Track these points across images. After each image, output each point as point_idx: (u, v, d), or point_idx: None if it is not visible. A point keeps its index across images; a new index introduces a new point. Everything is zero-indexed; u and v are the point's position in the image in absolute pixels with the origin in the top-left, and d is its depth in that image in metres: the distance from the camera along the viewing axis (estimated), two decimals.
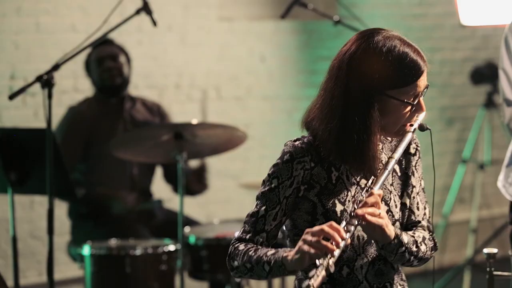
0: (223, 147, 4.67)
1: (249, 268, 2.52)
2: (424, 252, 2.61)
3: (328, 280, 2.56)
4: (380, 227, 2.45)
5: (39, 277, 5.61)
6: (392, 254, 2.54)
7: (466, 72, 6.82)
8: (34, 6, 5.57)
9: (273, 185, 2.55)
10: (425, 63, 2.53)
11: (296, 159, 2.54)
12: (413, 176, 2.66)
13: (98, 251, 4.38)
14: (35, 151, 4.11)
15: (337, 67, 2.53)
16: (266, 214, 2.55)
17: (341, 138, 2.49)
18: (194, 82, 6.14)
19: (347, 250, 2.54)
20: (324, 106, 2.52)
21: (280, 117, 6.45)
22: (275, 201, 2.55)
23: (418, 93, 2.53)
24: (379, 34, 2.52)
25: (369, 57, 2.48)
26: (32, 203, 5.58)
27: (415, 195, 2.67)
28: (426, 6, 7.03)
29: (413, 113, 2.55)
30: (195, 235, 4.58)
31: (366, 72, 2.47)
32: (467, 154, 6.66)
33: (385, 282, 2.61)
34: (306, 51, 6.56)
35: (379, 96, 2.48)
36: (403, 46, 2.51)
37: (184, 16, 6.07)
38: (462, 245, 6.93)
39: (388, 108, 2.50)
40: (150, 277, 4.38)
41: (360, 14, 4.62)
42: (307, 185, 2.55)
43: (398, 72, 2.48)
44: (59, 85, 4.34)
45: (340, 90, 2.49)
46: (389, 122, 2.52)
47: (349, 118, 2.48)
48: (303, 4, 4.60)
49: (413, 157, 2.68)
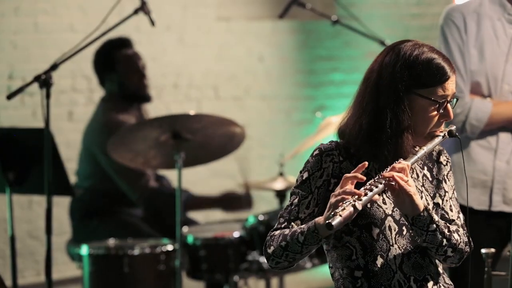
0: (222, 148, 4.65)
1: (284, 247, 2.56)
2: (457, 242, 2.62)
3: (362, 273, 2.61)
4: (408, 193, 2.50)
5: (37, 277, 5.61)
6: (423, 231, 2.55)
7: None
8: (32, 6, 5.57)
9: (304, 177, 2.62)
10: (452, 70, 2.61)
11: (324, 152, 2.62)
12: (445, 183, 2.72)
13: (96, 251, 4.38)
14: (33, 151, 4.11)
15: (368, 72, 2.64)
16: (299, 203, 2.61)
17: (372, 133, 2.57)
18: (193, 82, 6.14)
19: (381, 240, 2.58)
20: (355, 107, 2.62)
21: (278, 117, 6.45)
22: (307, 191, 2.61)
23: (446, 96, 2.59)
24: (409, 42, 2.63)
25: (399, 60, 2.58)
26: (31, 203, 5.58)
27: (448, 199, 2.71)
28: (424, 6, 7.03)
29: (440, 118, 2.61)
30: (193, 235, 4.58)
31: (395, 73, 2.57)
32: None
33: (425, 275, 2.64)
34: (305, 51, 6.56)
35: (408, 94, 2.57)
36: (432, 52, 2.61)
37: (183, 16, 6.07)
38: None
39: (416, 107, 2.57)
40: (148, 277, 4.38)
41: (358, 14, 4.63)
42: (337, 178, 2.60)
43: (425, 73, 2.57)
44: (57, 85, 4.33)
45: (371, 90, 2.59)
46: (417, 122, 2.59)
47: (379, 113, 2.57)
48: (301, 4, 4.60)
49: (444, 167, 2.73)
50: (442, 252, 2.61)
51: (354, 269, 2.62)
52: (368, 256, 2.60)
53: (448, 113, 2.62)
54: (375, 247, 2.59)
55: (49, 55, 5.17)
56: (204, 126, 4.48)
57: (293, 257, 2.57)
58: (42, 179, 3.94)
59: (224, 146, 4.64)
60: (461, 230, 2.66)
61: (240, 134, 4.60)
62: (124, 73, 4.95)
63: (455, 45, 3.46)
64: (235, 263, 4.52)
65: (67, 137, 5.45)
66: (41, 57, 5.49)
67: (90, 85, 5.77)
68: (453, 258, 2.64)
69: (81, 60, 5.22)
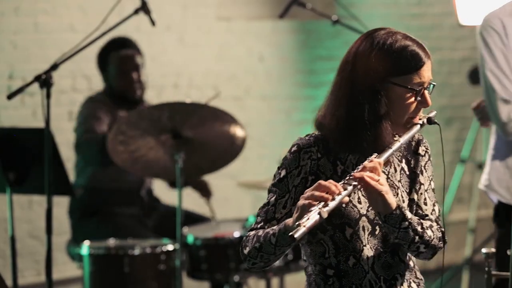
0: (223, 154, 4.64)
1: (258, 248, 2.56)
2: (430, 238, 2.61)
3: (334, 272, 2.61)
4: (379, 192, 2.48)
5: (37, 276, 5.61)
6: (395, 229, 2.54)
7: (465, 72, 6.83)
8: (32, 6, 5.57)
9: (282, 175, 2.61)
10: (427, 56, 2.59)
11: (303, 149, 2.60)
12: (421, 175, 2.70)
13: (96, 251, 4.38)
14: (34, 151, 4.11)
15: (343, 62, 2.61)
16: (276, 202, 2.61)
17: (350, 125, 2.55)
18: (193, 82, 6.14)
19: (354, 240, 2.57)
20: (331, 98, 2.60)
21: (278, 117, 6.45)
22: (285, 189, 2.60)
23: (422, 83, 2.57)
24: (382, 30, 2.61)
25: (373, 49, 2.56)
26: (31, 203, 5.58)
27: (423, 191, 2.69)
28: (425, 5, 7.03)
29: (418, 105, 2.59)
30: (194, 235, 4.59)
31: (370, 62, 2.54)
32: (465, 154, 6.66)
33: (395, 274, 2.63)
34: (305, 50, 6.56)
35: (383, 83, 2.54)
36: (406, 40, 2.58)
37: (183, 16, 6.07)
38: (460, 244, 6.93)
39: (393, 96, 2.55)
40: (148, 277, 4.38)
41: (358, 14, 4.63)
42: (315, 175, 2.59)
43: (400, 60, 2.55)
44: (57, 85, 4.33)
45: (346, 80, 2.57)
46: (395, 111, 2.56)
47: (356, 105, 2.55)
48: (301, 4, 4.60)
49: (422, 158, 2.71)
50: (415, 248, 2.60)
51: (326, 267, 2.62)
52: (340, 255, 2.59)
53: (425, 100, 2.58)
54: (348, 247, 2.58)
55: (49, 55, 5.17)
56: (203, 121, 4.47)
57: (267, 258, 2.57)
58: (42, 179, 3.94)
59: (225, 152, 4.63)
60: (435, 226, 2.65)
61: (241, 138, 4.59)
62: (113, 75, 4.97)
63: (498, 50, 3.46)
64: (235, 263, 4.52)
65: (67, 137, 5.44)
66: (41, 57, 5.49)
67: (91, 85, 5.77)
68: (426, 254, 2.64)
69: (81, 60, 5.22)
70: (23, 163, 4.18)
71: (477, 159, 6.84)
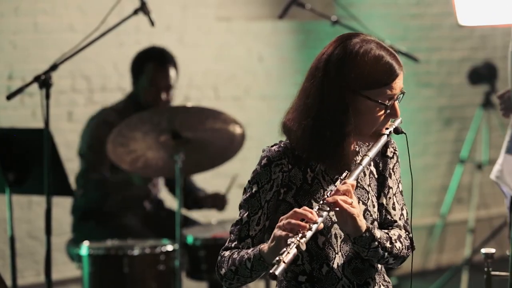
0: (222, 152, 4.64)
1: (234, 271, 2.54)
2: (399, 250, 2.59)
3: (307, 278, 2.59)
4: (351, 215, 2.46)
5: (37, 277, 5.61)
6: (365, 249, 2.53)
7: (464, 72, 6.83)
8: (32, 6, 5.57)
9: (254, 190, 2.58)
10: (400, 67, 2.54)
11: (273, 162, 2.57)
12: (390, 178, 2.67)
13: (96, 251, 4.38)
14: (33, 151, 4.11)
15: (314, 68, 2.58)
16: (249, 220, 2.57)
17: (315, 135, 2.52)
18: (193, 82, 6.14)
19: (326, 248, 2.56)
20: (300, 105, 2.57)
21: (278, 117, 6.39)
22: (257, 206, 2.57)
23: (393, 96, 2.53)
24: (356, 37, 2.55)
25: (345, 58, 2.51)
26: (30, 203, 5.58)
27: (392, 196, 2.67)
28: (424, 6, 7.03)
29: (387, 117, 2.56)
30: (193, 235, 4.59)
31: (341, 72, 2.50)
32: (465, 154, 6.67)
33: (366, 279, 2.62)
34: (304, 51, 6.56)
35: (354, 95, 2.50)
36: (379, 49, 2.52)
37: (182, 16, 6.07)
38: (460, 245, 6.94)
39: (363, 109, 2.51)
40: (148, 277, 4.38)
41: (357, 14, 4.63)
42: (286, 187, 2.57)
43: (372, 73, 2.50)
44: (57, 85, 4.34)
45: (316, 89, 2.53)
46: (363, 123, 2.53)
47: (323, 115, 2.51)
48: (301, 4, 4.60)
49: (390, 160, 2.68)
50: (384, 262, 2.60)
51: (298, 274, 2.60)
52: (314, 263, 2.57)
53: (395, 111, 2.55)
54: (320, 255, 2.56)
55: (48, 56, 5.17)
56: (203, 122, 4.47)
57: (244, 280, 2.56)
58: (42, 179, 3.95)
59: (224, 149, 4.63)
60: (403, 234, 2.63)
61: (240, 136, 4.59)
62: (143, 87, 4.87)
63: None
64: None
65: (66, 137, 5.45)
66: (40, 57, 5.49)
67: (90, 85, 5.77)
68: (395, 264, 2.63)
69: (80, 60, 5.22)
70: (22, 164, 4.18)
71: (477, 160, 6.84)
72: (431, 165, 7.08)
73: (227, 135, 4.57)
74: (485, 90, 6.63)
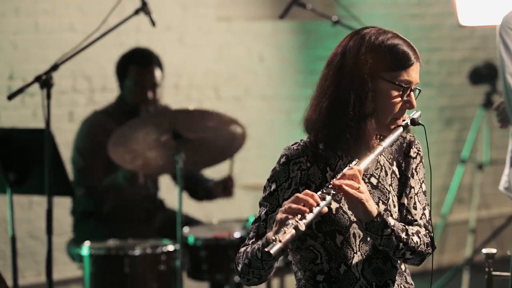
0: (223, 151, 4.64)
1: (247, 264, 2.54)
2: (416, 244, 2.58)
3: (324, 278, 2.59)
4: (360, 200, 2.46)
5: (38, 277, 5.61)
6: (378, 236, 2.52)
7: (465, 72, 6.83)
8: (32, 6, 5.57)
9: (272, 188, 2.59)
10: (417, 56, 2.58)
11: (292, 160, 2.58)
12: (412, 178, 2.68)
13: (97, 251, 4.38)
14: (34, 151, 4.11)
15: (332, 56, 2.61)
16: (267, 217, 2.58)
17: (333, 116, 2.53)
18: (193, 82, 6.14)
19: (345, 247, 2.56)
20: (317, 91, 2.60)
21: (278, 117, 6.45)
22: (275, 204, 2.58)
23: (409, 83, 2.56)
24: (372, 28, 2.60)
25: (363, 44, 2.55)
26: (31, 203, 5.58)
27: (413, 195, 2.67)
28: (425, 6, 7.03)
29: (404, 105, 2.57)
30: (194, 235, 4.59)
31: (360, 55, 2.53)
32: (465, 154, 6.66)
33: (386, 280, 2.62)
34: (305, 51, 6.56)
35: (372, 77, 2.53)
36: (396, 38, 2.58)
37: (183, 16, 6.07)
38: (461, 245, 6.93)
39: (380, 91, 2.54)
40: (149, 277, 4.38)
41: (358, 14, 4.63)
42: (305, 185, 2.57)
43: (390, 56, 2.54)
44: (57, 85, 4.34)
45: (334, 73, 2.56)
46: (380, 108, 2.54)
47: (342, 96, 2.53)
48: (301, 4, 4.60)
49: (413, 160, 2.69)
50: (400, 255, 2.58)
51: (316, 273, 2.60)
52: (333, 262, 2.57)
53: (411, 100, 2.57)
54: (339, 254, 2.56)
55: (49, 56, 5.17)
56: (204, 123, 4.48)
57: (258, 273, 2.55)
58: (43, 179, 3.95)
59: (225, 148, 4.64)
60: (422, 231, 2.62)
61: (240, 135, 4.59)
62: (129, 88, 4.88)
63: None
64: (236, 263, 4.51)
65: (67, 137, 5.44)
66: (41, 58, 5.49)
67: (91, 85, 5.78)
68: (413, 260, 2.62)
69: (81, 60, 5.22)
70: (23, 164, 4.19)
71: (478, 160, 6.84)
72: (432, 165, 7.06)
73: (228, 135, 4.57)
74: (486, 90, 6.63)
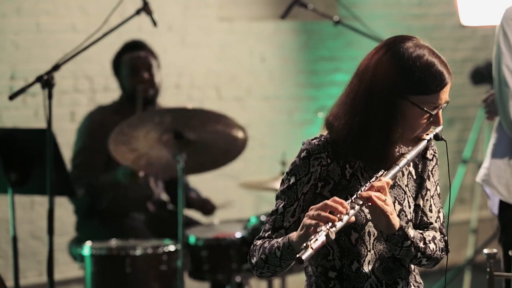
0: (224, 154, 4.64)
1: (264, 259, 2.55)
2: (433, 251, 2.60)
3: (336, 275, 2.60)
4: (385, 213, 2.47)
5: (39, 277, 5.61)
6: (397, 247, 2.54)
7: (466, 72, 6.82)
8: (34, 6, 5.58)
9: (291, 182, 2.58)
10: (450, 76, 2.57)
11: (312, 155, 2.57)
12: (428, 180, 2.69)
13: (98, 251, 4.38)
14: (35, 151, 4.12)
15: (364, 67, 2.56)
16: (285, 211, 2.58)
17: (362, 134, 2.52)
18: (194, 82, 6.14)
19: (359, 245, 2.57)
20: (347, 103, 2.56)
21: (280, 117, 6.45)
22: (293, 197, 2.58)
23: (439, 105, 2.56)
24: (409, 41, 2.56)
25: (397, 61, 2.51)
26: (33, 204, 5.58)
27: (429, 198, 2.69)
28: (426, 6, 7.03)
29: (429, 124, 2.58)
30: (195, 236, 4.59)
31: (391, 74, 2.50)
32: (467, 154, 6.66)
33: (396, 278, 2.63)
34: (306, 51, 6.56)
35: (401, 100, 2.51)
36: (431, 56, 2.54)
37: (184, 16, 6.07)
38: (462, 245, 6.93)
39: (407, 113, 2.52)
40: (150, 277, 4.38)
41: (360, 14, 4.63)
42: (324, 181, 2.58)
43: (423, 79, 2.51)
44: (59, 85, 4.35)
45: (365, 88, 2.53)
46: (405, 128, 2.54)
47: (371, 115, 2.51)
48: (303, 5, 4.60)
49: (429, 162, 2.71)
50: (417, 262, 2.61)
51: (328, 269, 2.61)
52: (345, 259, 2.58)
53: (438, 120, 2.58)
54: (352, 251, 2.57)
55: (51, 56, 5.17)
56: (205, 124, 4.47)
57: (274, 269, 2.57)
58: (44, 179, 3.95)
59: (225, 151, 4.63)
60: (438, 236, 2.64)
61: (242, 140, 4.59)
62: (125, 76, 4.92)
63: None
64: (237, 263, 4.52)
65: (69, 137, 5.44)
66: (43, 58, 5.49)
67: (92, 85, 5.78)
68: (428, 265, 2.64)
69: (83, 60, 5.23)
70: (24, 164, 4.19)
71: (479, 160, 6.83)
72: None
73: (229, 137, 4.57)
74: (487, 90, 6.61)
